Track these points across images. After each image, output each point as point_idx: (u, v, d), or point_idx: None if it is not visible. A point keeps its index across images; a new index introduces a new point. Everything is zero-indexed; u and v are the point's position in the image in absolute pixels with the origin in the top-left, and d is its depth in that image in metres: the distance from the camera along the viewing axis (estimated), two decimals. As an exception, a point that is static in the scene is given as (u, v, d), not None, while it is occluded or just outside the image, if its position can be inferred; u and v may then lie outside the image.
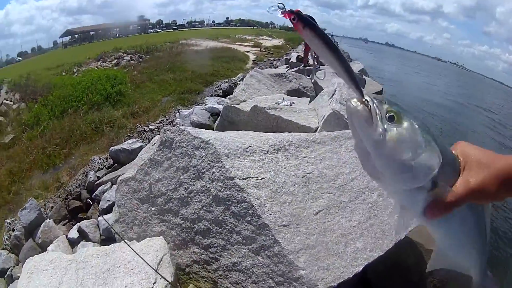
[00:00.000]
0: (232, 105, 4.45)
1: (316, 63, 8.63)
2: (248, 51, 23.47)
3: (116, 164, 4.94)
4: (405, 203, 0.58)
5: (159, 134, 5.38)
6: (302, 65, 8.47)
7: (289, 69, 8.34)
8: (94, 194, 4.21)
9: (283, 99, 4.55)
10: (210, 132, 2.85)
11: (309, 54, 8.82)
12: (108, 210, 3.59)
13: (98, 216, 3.67)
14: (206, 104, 7.58)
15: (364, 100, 0.52)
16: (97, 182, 4.45)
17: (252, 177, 2.24)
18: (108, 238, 3.22)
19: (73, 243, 3.38)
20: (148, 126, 6.83)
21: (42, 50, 50.02)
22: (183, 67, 14.38)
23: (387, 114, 0.51)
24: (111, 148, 5.16)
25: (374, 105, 0.51)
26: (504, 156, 0.55)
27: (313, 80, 6.40)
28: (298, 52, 13.48)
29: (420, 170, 0.51)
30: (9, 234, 3.93)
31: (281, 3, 0.56)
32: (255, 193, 2.16)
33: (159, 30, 65.95)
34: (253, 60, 19.02)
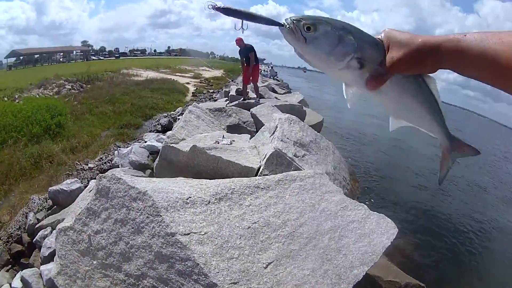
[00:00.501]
0: (171, 145, 4.24)
1: (257, 96, 8.71)
2: (188, 83, 23.22)
3: (55, 206, 4.61)
4: (346, 81, 0.75)
5: (96, 178, 5.04)
6: (242, 98, 8.44)
7: (228, 103, 8.29)
8: (35, 238, 3.88)
9: (223, 137, 4.44)
10: (147, 181, 2.64)
11: (248, 86, 8.89)
12: (50, 258, 3.28)
13: (41, 263, 3.36)
14: (145, 141, 7.25)
15: (287, 23, 0.70)
16: (37, 225, 4.12)
17: (195, 232, 2.06)
18: (52, 290, 2.94)
19: (17, 293, 3.07)
20: (87, 164, 6.39)
21: (-14, 69, 48.21)
22: (123, 98, 13.78)
23: (304, 27, 0.68)
24: (50, 188, 4.80)
25: (293, 24, 0.69)
26: (422, 35, 0.67)
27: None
28: (237, 84, 13.59)
29: (338, 55, 0.68)
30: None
31: (211, 3, 0.75)
32: (199, 250, 1.98)
33: (102, 58, 64.93)
34: (192, 92, 18.77)
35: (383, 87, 0.71)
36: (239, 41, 8.17)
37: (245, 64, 8.43)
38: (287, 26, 0.70)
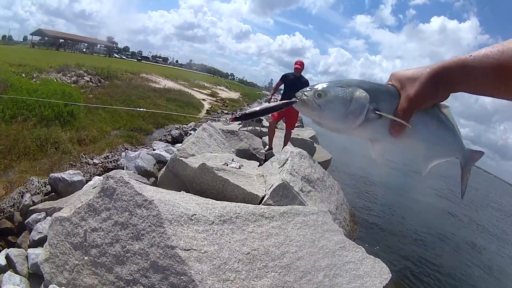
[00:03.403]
0: (180, 158, 4.31)
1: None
2: (203, 99, 23.46)
3: (53, 193, 4.61)
4: (370, 136, 0.76)
5: (101, 175, 5.07)
6: (268, 147, 6.79)
7: (241, 127, 8.24)
8: (27, 220, 3.85)
9: (232, 160, 4.51)
10: (154, 190, 2.69)
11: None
12: (39, 243, 3.27)
13: (28, 246, 3.33)
14: (154, 149, 7.33)
15: (300, 96, 0.74)
16: (32, 207, 4.12)
17: (195, 249, 2.10)
18: (36, 274, 2.87)
19: (-1, 270, 3.03)
20: (92, 159, 6.40)
21: (11, 42, 50.62)
22: (138, 102, 13.79)
23: (315, 95, 0.72)
24: (51, 174, 4.82)
25: (304, 95, 0.73)
26: (428, 65, 0.70)
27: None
28: (252, 110, 13.65)
29: (355, 112, 0.70)
30: None
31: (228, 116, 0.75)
32: (196, 267, 2.02)
33: (124, 57, 66.00)
34: (207, 110, 19.03)
35: (408, 130, 0.71)
36: (302, 65, 6.35)
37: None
38: (299, 98, 0.74)
